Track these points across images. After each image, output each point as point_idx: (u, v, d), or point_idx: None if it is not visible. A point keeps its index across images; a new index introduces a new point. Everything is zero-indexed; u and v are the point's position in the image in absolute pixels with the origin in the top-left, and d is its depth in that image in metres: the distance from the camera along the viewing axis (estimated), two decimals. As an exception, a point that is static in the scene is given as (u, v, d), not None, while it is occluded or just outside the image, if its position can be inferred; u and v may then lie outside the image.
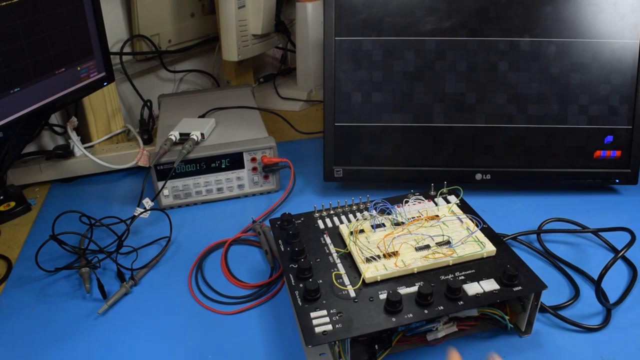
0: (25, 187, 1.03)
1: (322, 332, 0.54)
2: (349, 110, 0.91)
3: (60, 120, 1.12)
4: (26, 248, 0.85)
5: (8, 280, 0.78)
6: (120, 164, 1.04)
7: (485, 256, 0.64)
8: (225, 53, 1.23)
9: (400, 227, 0.68)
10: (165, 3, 1.26)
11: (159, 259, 0.80)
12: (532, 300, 0.60)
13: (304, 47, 1.35)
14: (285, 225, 0.72)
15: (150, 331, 0.67)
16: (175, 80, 1.39)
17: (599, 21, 0.87)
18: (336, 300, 0.58)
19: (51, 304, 0.72)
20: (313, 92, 1.39)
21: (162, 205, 0.93)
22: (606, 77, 0.88)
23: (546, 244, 0.79)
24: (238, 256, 0.81)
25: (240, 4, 1.19)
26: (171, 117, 1.04)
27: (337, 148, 0.92)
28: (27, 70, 0.82)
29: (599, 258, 0.76)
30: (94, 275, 0.75)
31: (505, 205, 0.89)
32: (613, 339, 0.62)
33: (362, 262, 0.62)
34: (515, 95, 0.89)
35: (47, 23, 0.84)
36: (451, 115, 0.90)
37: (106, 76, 1.00)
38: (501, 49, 0.88)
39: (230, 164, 0.93)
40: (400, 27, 0.89)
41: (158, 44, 1.25)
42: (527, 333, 0.63)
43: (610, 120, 0.88)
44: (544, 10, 0.87)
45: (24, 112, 0.83)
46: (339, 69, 0.90)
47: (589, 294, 0.69)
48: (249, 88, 1.23)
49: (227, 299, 0.72)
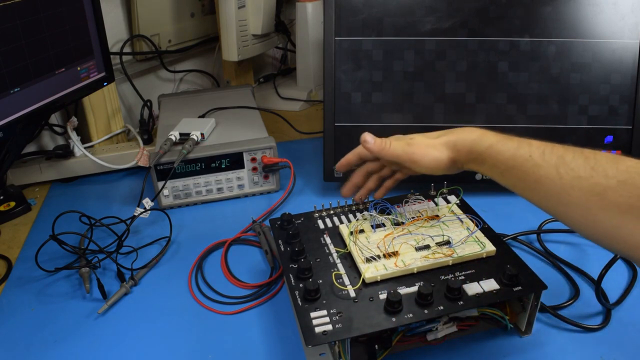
0: (25, 187, 1.03)
1: (322, 332, 0.54)
2: (349, 110, 0.91)
3: (60, 120, 1.12)
4: (26, 248, 0.85)
5: (8, 280, 0.78)
6: (120, 164, 1.04)
7: (485, 256, 0.64)
8: (225, 53, 1.24)
9: (400, 227, 0.68)
10: (165, 3, 1.26)
11: (159, 259, 0.80)
12: (532, 300, 0.60)
13: (304, 47, 1.35)
14: (285, 225, 0.72)
15: (150, 331, 0.67)
16: (175, 80, 1.39)
17: (599, 21, 0.87)
18: (336, 300, 0.58)
19: (51, 304, 0.72)
20: (313, 92, 1.39)
21: (162, 205, 0.93)
22: (606, 77, 0.87)
23: (546, 244, 0.79)
24: (238, 256, 0.81)
25: (240, 4, 1.19)
26: (171, 117, 1.04)
27: (337, 148, 0.92)
28: (27, 70, 0.82)
29: (599, 258, 0.76)
30: (94, 275, 0.75)
31: (505, 205, 0.89)
32: (613, 339, 0.62)
33: (362, 262, 0.62)
34: (515, 95, 0.89)
35: (47, 23, 0.84)
36: (451, 115, 0.90)
37: (106, 76, 1.00)
38: (501, 49, 0.88)
39: (230, 164, 0.93)
40: (400, 27, 0.89)
41: (158, 44, 1.25)
42: (527, 333, 0.63)
43: (610, 120, 0.88)
44: (544, 10, 0.87)
45: (24, 112, 0.83)
46: (339, 69, 0.90)
47: (589, 294, 0.69)
48: (249, 88, 1.23)
49: (227, 299, 0.72)
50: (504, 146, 0.56)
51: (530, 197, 0.54)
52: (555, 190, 0.50)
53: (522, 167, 0.53)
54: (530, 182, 0.53)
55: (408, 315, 0.56)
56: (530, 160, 0.52)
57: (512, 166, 0.54)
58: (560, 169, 0.50)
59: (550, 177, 0.50)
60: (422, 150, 0.62)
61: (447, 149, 0.62)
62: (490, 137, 0.58)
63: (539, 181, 0.51)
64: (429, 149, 0.62)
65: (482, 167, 0.59)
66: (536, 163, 0.52)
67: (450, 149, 0.61)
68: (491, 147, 0.57)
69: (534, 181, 0.52)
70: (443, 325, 0.59)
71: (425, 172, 0.64)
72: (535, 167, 0.52)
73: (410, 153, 0.63)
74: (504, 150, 0.55)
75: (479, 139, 0.59)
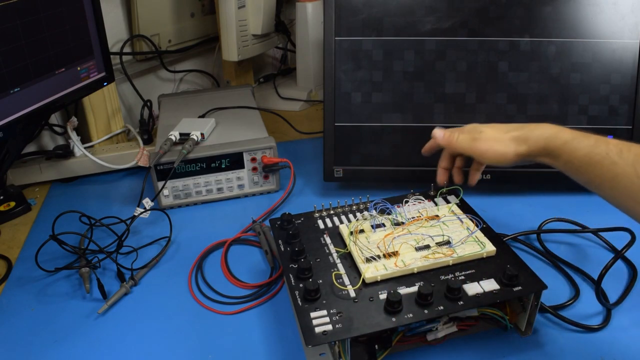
0: (25, 187, 1.03)
1: (322, 332, 0.54)
2: (349, 110, 0.91)
3: (60, 120, 1.12)
4: (26, 248, 0.85)
5: (8, 280, 0.78)
6: (120, 164, 1.04)
7: (485, 256, 0.64)
8: (225, 53, 1.24)
9: (400, 227, 0.68)
10: (165, 3, 1.26)
11: (159, 259, 0.80)
12: (532, 300, 0.60)
13: (304, 47, 1.35)
14: (285, 225, 0.72)
15: (150, 331, 0.67)
16: (175, 80, 1.39)
17: (599, 21, 0.87)
18: (336, 300, 0.58)
19: (51, 304, 0.72)
20: (313, 92, 1.39)
21: (162, 205, 0.93)
22: (606, 77, 0.87)
23: (546, 244, 0.79)
24: (238, 256, 0.81)
25: (240, 4, 1.19)
26: (171, 117, 1.04)
27: (337, 148, 0.92)
28: (27, 70, 0.82)
29: (599, 258, 0.76)
30: (94, 275, 0.75)
31: (505, 205, 0.89)
32: (613, 339, 0.62)
33: (362, 262, 0.62)
34: (515, 95, 0.89)
35: (47, 23, 0.84)
36: (451, 115, 0.90)
37: (106, 76, 1.00)
38: (501, 49, 0.88)
39: (230, 164, 0.93)
40: (400, 27, 0.89)
41: (158, 44, 1.25)
42: (527, 333, 0.63)
43: (610, 120, 0.88)
44: (544, 10, 0.87)
45: (24, 112, 0.83)
46: (339, 69, 0.90)
47: (589, 294, 0.69)
48: (249, 88, 1.23)
49: (227, 299, 0.72)
50: (580, 143, 0.56)
51: (606, 194, 0.55)
52: (633, 188, 0.50)
53: (599, 164, 0.53)
54: (606, 180, 0.53)
55: (408, 315, 0.56)
56: (607, 158, 0.53)
57: (588, 163, 0.55)
58: (638, 168, 0.50)
59: (628, 175, 0.51)
60: (487, 145, 0.64)
61: (515, 143, 0.62)
62: (566, 134, 0.58)
63: (616, 179, 0.52)
64: (495, 143, 0.63)
65: (556, 162, 0.59)
66: (613, 161, 0.52)
67: (521, 143, 0.62)
68: (567, 144, 0.57)
69: (611, 179, 0.52)
70: (443, 325, 0.59)
71: (491, 163, 0.66)
72: (612, 165, 0.52)
73: (474, 147, 0.65)
74: (581, 147, 0.56)
75: (554, 135, 0.59)
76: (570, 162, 0.57)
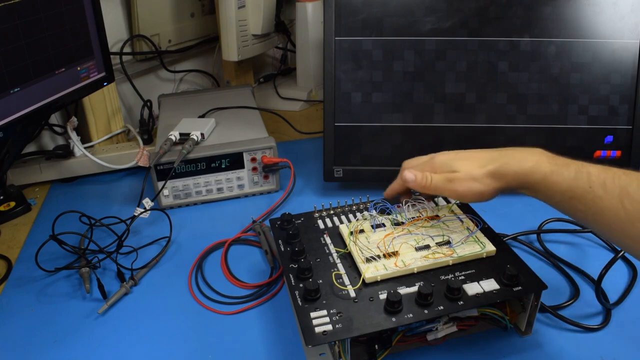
0: (25, 187, 1.03)
1: (322, 332, 0.54)
2: (349, 110, 0.91)
3: (60, 120, 1.12)
4: (26, 248, 0.85)
5: (8, 280, 0.78)
6: (120, 164, 1.04)
7: (485, 256, 0.64)
8: (225, 53, 1.24)
9: (400, 227, 0.68)
10: (165, 3, 1.26)
11: (159, 259, 0.80)
12: (532, 300, 0.60)
13: (304, 47, 1.35)
14: (285, 225, 0.72)
15: (150, 331, 0.67)
16: (175, 80, 1.39)
17: (599, 21, 0.87)
18: (336, 300, 0.58)
19: (51, 304, 0.72)
20: (313, 92, 1.39)
21: (162, 205, 0.93)
22: (606, 77, 0.87)
23: (546, 244, 0.79)
24: (238, 256, 0.81)
25: (240, 4, 1.19)
26: (171, 117, 1.04)
27: (337, 148, 0.92)
28: (27, 70, 0.82)
29: (599, 258, 0.76)
30: (94, 275, 0.75)
31: (505, 205, 0.89)
32: (613, 339, 0.63)
33: (362, 262, 0.62)
34: (515, 95, 0.89)
35: (47, 23, 0.84)
36: (451, 115, 0.90)
37: (106, 76, 1.00)
38: (501, 49, 0.88)
39: (230, 164, 0.93)
40: (400, 27, 0.89)
41: (158, 44, 1.25)
42: (527, 333, 0.63)
43: (610, 120, 0.88)
44: (544, 10, 0.87)
45: (24, 112, 0.83)
46: (339, 69, 0.90)
47: (589, 294, 0.69)
48: (249, 88, 1.23)
49: (227, 299, 0.72)
50: (560, 176, 0.54)
51: (591, 227, 0.53)
52: (620, 223, 0.48)
53: (582, 198, 0.51)
54: (589, 214, 0.51)
55: (408, 315, 0.56)
56: (590, 192, 0.50)
57: (570, 197, 0.53)
58: (625, 201, 0.48)
59: (614, 209, 0.48)
60: (465, 186, 0.60)
61: (493, 180, 0.59)
62: (544, 167, 0.55)
63: (601, 213, 0.50)
64: (473, 183, 0.60)
65: (537, 195, 0.57)
66: (597, 195, 0.50)
67: (498, 179, 0.59)
68: (546, 178, 0.55)
69: (595, 213, 0.50)
70: (443, 325, 0.59)
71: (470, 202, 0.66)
72: (597, 199, 0.50)
73: (451, 190, 0.61)
74: (560, 181, 0.53)
75: (532, 169, 0.56)
76: (551, 197, 0.55)
